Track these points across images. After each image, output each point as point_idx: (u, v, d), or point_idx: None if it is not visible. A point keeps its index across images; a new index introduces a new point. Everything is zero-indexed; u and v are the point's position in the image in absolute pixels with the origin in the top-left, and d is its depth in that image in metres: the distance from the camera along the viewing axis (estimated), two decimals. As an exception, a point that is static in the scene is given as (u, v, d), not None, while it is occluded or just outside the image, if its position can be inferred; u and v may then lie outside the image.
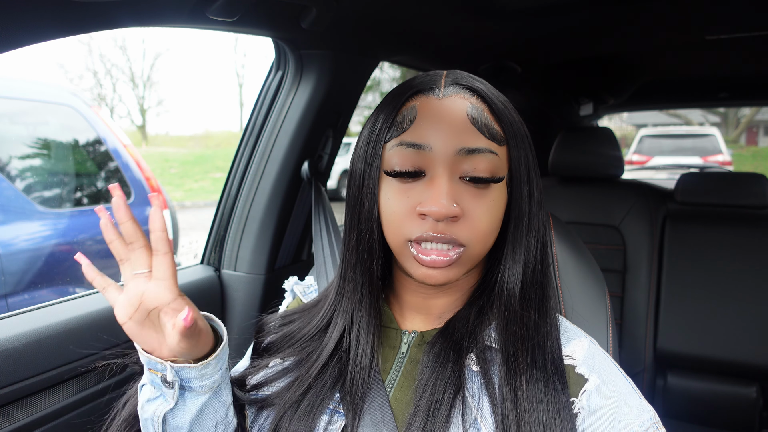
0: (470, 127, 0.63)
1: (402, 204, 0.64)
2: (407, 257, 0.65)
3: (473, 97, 0.66)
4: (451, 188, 0.62)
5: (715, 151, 8.29)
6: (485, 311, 0.70)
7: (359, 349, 0.69)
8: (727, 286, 2.00)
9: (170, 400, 0.67)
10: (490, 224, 0.65)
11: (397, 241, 0.65)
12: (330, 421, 0.68)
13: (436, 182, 0.62)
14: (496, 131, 0.65)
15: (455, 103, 0.64)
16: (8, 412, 0.97)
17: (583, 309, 0.94)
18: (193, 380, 0.67)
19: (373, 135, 0.66)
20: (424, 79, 0.68)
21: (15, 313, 1.06)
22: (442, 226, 0.62)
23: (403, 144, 0.64)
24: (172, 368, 0.65)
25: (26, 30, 0.73)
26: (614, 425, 0.60)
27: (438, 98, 0.65)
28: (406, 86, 0.68)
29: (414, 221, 0.63)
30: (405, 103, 0.66)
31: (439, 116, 0.63)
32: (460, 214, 0.62)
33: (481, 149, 0.63)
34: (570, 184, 2.26)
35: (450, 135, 0.63)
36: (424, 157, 0.63)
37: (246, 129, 1.51)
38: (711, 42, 1.77)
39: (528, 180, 0.67)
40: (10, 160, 2.60)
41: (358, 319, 0.71)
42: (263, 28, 1.19)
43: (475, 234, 0.63)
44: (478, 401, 0.64)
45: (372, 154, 0.66)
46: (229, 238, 1.52)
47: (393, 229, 0.65)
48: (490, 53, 1.82)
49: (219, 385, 0.70)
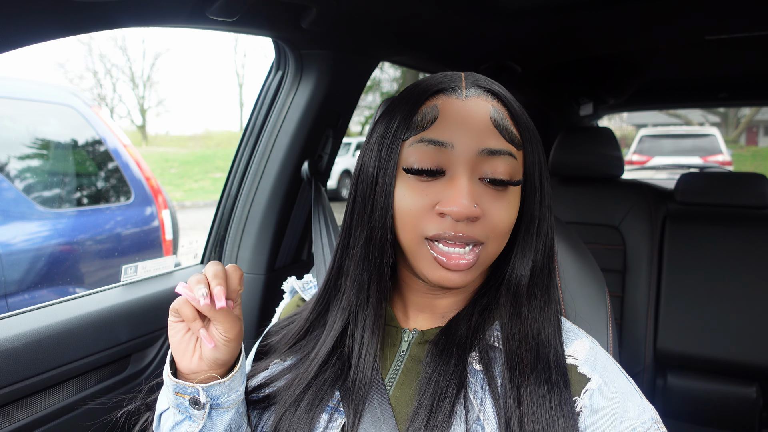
0: (492, 130, 0.63)
1: (419, 201, 0.63)
2: (423, 257, 0.65)
3: (494, 100, 0.66)
4: (472, 188, 0.62)
5: (715, 151, 8.29)
6: (489, 310, 0.70)
7: (363, 349, 0.69)
8: (727, 286, 2.00)
9: (199, 421, 0.68)
10: (507, 225, 0.65)
11: (412, 239, 0.65)
12: (330, 419, 0.68)
13: (457, 181, 0.62)
14: (515, 135, 0.65)
15: (478, 105, 0.65)
16: (8, 412, 0.97)
17: (583, 309, 0.94)
18: (221, 396, 0.68)
19: (389, 133, 0.65)
20: (443, 80, 0.67)
21: (15, 313, 1.06)
22: (461, 226, 0.62)
23: (424, 141, 0.63)
24: (203, 389, 0.66)
25: (26, 30, 0.73)
26: (616, 424, 0.60)
27: (461, 99, 0.65)
28: (424, 86, 0.67)
29: (432, 219, 0.63)
30: (425, 102, 0.66)
31: (462, 116, 0.63)
32: (481, 214, 0.62)
33: (502, 151, 0.63)
34: (570, 184, 2.26)
35: (473, 135, 0.63)
36: (445, 155, 0.63)
37: (246, 129, 1.51)
38: (711, 42, 1.76)
39: (540, 185, 0.67)
40: (10, 160, 2.60)
41: (363, 318, 0.70)
42: (263, 28, 1.19)
43: (493, 233, 0.64)
44: (481, 399, 0.64)
45: (388, 151, 0.65)
46: (229, 238, 1.52)
47: (408, 226, 0.64)
48: (490, 53, 1.81)
49: (242, 398, 0.71)
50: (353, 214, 0.69)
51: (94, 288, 1.25)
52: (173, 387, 0.67)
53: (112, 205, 2.99)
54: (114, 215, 2.96)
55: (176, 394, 0.67)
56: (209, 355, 0.66)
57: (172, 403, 0.68)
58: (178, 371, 0.69)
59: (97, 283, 2.66)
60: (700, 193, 2.16)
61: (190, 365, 0.67)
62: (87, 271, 2.74)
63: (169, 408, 0.70)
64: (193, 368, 0.67)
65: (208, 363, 0.67)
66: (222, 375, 0.68)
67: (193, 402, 0.67)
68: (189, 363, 0.67)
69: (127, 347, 1.20)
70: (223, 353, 0.67)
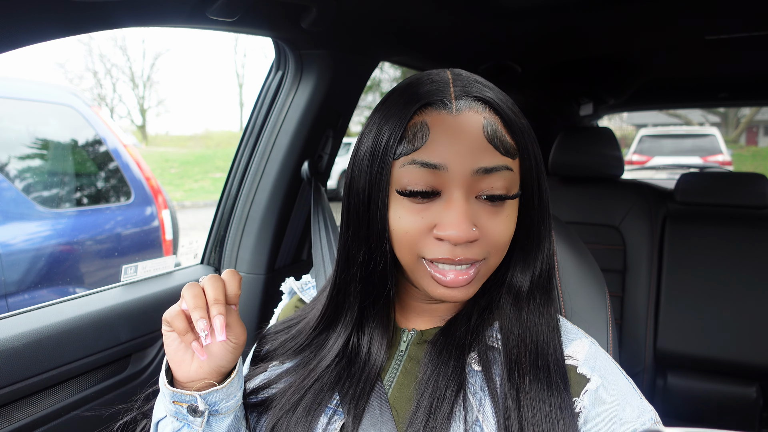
0: (486, 146, 0.60)
1: (416, 224, 0.61)
2: (423, 276, 0.64)
3: (486, 111, 0.62)
4: (469, 209, 0.60)
5: (715, 151, 8.30)
6: (488, 312, 0.70)
7: (373, 353, 0.69)
8: (727, 286, 2.00)
9: (197, 428, 0.67)
10: (507, 238, 0.64)
11: (409, 260, 0.64)
12: (329, 421, 0.67)
13: (454, 204, 0.60)
14: (510, 145, 0.62)
15: (470, 120, 0.61)
16: (8, 412, 0.97)
17: (583, 309, 0.94)
18: (219, 402, 0.67)
19: (379, 149, 0.62)
20: (431, 89, 0.63)
21: (15, 313, 1.06)
22: (460, 250, 0.60)
23: (416, 163, 0.60)
24: (200, 396, 0.65)
25: (26, 30, 0.73)
26: (615, 425, 0.60)
27: (451, 114, 0.61)
28: (412, 96, 0.63)
29: (429, 242, 0.61)
30: (413, 116, 0.62)
31: (455, 134, 0.60)
32: (480, 237, 0.61)
33: (498, 167, 0.61)
34: (570, 184, 2.26)
35: (467, 154, 0.60)
36: (439, 177, 0.60)
37: (246, 129, 1.51)
38: (711, 42, 1.76)
39: (539, 189, 0.66)
40: (10, 160, 2.60)
41: (369, 331, 0.70)
42: (263, 28, 1.19)
43: (493, 249, 0.63)
44: (480, 400, 0.64)
45: (379, 170, 0.62)
46: (229, 238, 1.52)
47: (406, 248, 0.63)
48: (490, 53, 1.82)
49: (240, 403, 0.70)
50: (349, 230, 0.67)
51: (94, 288, 1.25)
52: (170, 395, 0.66)
53: (112, 205, 2.99)
54: (114, 215, 2.96)
55: (174, 403, 0.67)
56: (207, 365, 0.66)
57: (169, 411, 0.68)
58: (175, 379, 0.68)
59: (97, 283, 2.66)
60: (700, 193, 2.16)
61: (188, 373, 0.66)
62: (87, 271, 2.74)
63: (166, 416, 0.69)
64: (191, 376, 0.66)
65: (207, 371, 0.66)
66: (219, 381, 0.67)
67: (192, 410, 0.66)
68: (187, 371, 0.67)
69: (127, 347, 1.20)
70: (228, 361, 0.66)
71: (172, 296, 1.33)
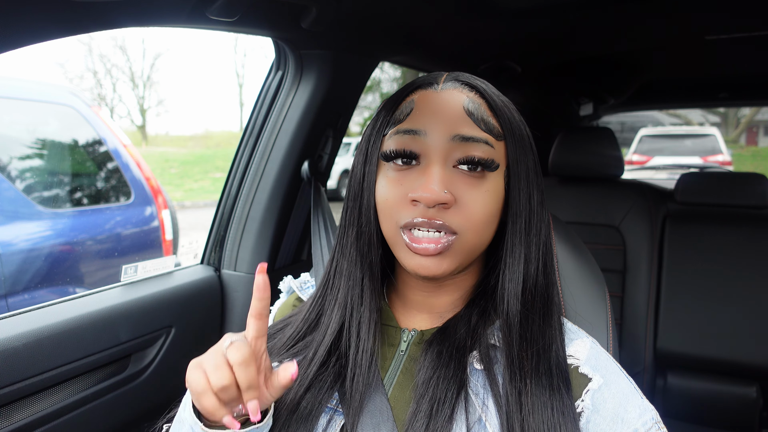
0: (466, 118, 0.65)
1: (395, 191, 0.65)
2: (400, 246, 0.66)
3: (471, 93, 0.68)
4: (444, 175, 0.63)
5: (715, 151, 8.29)
6: (488, 312, 0.69)
7: (360, 346, 0.69)
8: (727, 286, 2.00)
9: None
10: (485, 214, 0.64)
11: (390, 229, 0.66)
12: (329, 421, 0.67)
13: (429, 169, 0.63)
14: (494, 125, 0.66)
15: (452, 96, 0.66)
16: (8, 412, 0.97)
17: (583, 309, 0.94)
18: None
19: (374, 131, 0.69)
20: (426, 78, 0.70)
21: (15, 313, 1.06)
22: (433, 212, 0.62)
23: (400, 132, 0.66)
24: None
25: (26, 30, 0.73)
26: (617, 424, 0.60)
27: (436, 91, 0.67)
28: (408, 85, 0.71)
29: (406, 207, 0.64)
30: (405, 98, 0.69)
31: (436, 106, 0.66)
32: (452, 200, 0.62)
33: (476, 138, 0.64)
34: (570, 184, 2.26)
35: (445, 122, 0.64)
36: (419, 142, 0.64)
37: (246, 129, 1.51)
38: (711, 42, 1.76)
39: (527, 179, 0.66)
40: (10, 160, 2.60)
41: (358, 315, 0.70)
42: (263, 28, 1.19)
43: (469, 222, 0.63)
44: (483, 399, 0.64)
45: (371, 146, 0.69)
46: (229, 238, 1.52)
47: (386, 217, 0.66)
48: (490, 53, 1.81)
49: None
50: (346, 213, 0.72)
51: (94, 288, 1.25)
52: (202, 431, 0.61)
53: (112, 205, 2.99)
54: (114, 215, 2.96)
55: None
56: None
57: None
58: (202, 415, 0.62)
59: (97, 284, 2.66)
60: (700, 193, 2.16)
61: None
62: (87, 271, 2.74)
63: None
64: None
65: None
66: None
67: None
68: None
69: (127, 347, 1.20)
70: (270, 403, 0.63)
71: (172, 296, 1.33)
